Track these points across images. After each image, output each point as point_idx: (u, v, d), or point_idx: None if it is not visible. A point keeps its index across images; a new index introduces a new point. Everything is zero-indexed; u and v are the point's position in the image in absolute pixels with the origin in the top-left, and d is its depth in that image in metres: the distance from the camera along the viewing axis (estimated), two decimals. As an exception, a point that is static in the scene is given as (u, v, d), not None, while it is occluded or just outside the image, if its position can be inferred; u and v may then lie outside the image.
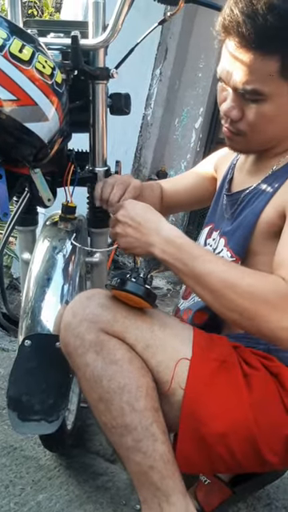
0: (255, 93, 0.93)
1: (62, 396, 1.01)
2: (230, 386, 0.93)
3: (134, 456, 0.91)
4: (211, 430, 0.91)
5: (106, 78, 1.12)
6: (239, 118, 0.98)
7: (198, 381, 0.93)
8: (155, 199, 1.32)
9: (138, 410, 0.90)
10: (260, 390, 0.94)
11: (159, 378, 0.93)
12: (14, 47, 0.83)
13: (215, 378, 0.93)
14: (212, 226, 1.18)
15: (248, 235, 1.02)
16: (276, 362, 0.98)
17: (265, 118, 0.96)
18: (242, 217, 1.05)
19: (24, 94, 0.84)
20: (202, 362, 0.94)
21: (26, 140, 0.89)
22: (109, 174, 1.21)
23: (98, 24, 1.10)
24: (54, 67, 0.90)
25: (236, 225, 1.06)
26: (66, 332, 0.93)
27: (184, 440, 0.93)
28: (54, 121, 0.92)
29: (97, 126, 1.16)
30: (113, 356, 0.91)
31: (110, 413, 0.91)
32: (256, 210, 1.01)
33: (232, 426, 0.91)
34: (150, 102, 3.38)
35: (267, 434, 0.93)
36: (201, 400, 0.92)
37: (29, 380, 0.98)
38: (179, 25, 3.35)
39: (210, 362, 0.94)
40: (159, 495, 0.91)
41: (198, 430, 0.92)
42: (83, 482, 1.27)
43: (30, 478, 1.25)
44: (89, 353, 0.91)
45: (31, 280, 1.09)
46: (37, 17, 3.31)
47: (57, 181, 1.13)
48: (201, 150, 3.69)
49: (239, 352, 0.99)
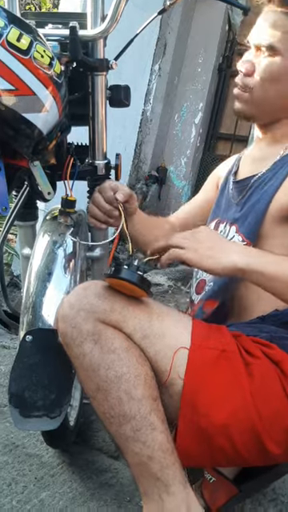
0: (269, 47, 1.03)
1: (64, 391, 0.99)
2: (231, 375, 0.92)
3: (132, 446, 0.89)
4: (212, 421, 0.90)
5: (105, 69, 1.10)
6: (250, 71, 1.06)
7: (197, 370, 0.91)
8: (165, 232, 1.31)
9: (136, 398, 0.88)
10: (261, 379, 0.92)
11: (157, 367, 0.92)
12: (12, 36, 0.81)
13: (215, 367, 0.92)
14: (218, 220, 1.18)
15: (259, 220, 1.03)
16: (277, 350, 0.97)
17: (270, 73, 1.04)
18: (253, 202, 1.06)
19: (22, 83, 0.82)
20: (201, 351, 0.92)
21: (25, 131, 0.87)
22: (109, 167, 1.19)
23: (97, 15, 1.08)
24: (52, 57, 0.89)
25: (247, 210, 1.07)
26: (63, 323, 0.92)
27: (184, 431, 0.92)
28: (52, 112, 0.90)
29: (96, 118, 1.14)
30: (110, 345, 0.90)
31: (108, 402, 0.89)
32: (267, 195, 1.03)
33: (233, 416, 0.90)
34: (150, 98, 3.36)
35: (269, 423, 0.91)
36: (200, 390, 0.91)
37: (30, 376, 0.97)
38: (178, 20, 3.33)
39: (210, 351, 0.93)
40: (159, 485, 0.89)
41: (198, 420, 0.90)
42: (87, 478, 1.26)
43: (32, 476, 1.23)
44: (86, 342, 0.90)
45: (32, 275, 1.07)
46: (34, 13, 3.29)
47: (56, 174, 1.11)
48: (201, 145, 3.68)
49: (239, 341, 0.97)
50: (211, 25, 3.49)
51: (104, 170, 1.19)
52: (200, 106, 3.55)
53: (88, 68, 1.09)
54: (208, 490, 1.18)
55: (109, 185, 1.12)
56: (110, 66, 1.11)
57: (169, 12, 3.03)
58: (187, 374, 0.91)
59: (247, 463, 0.99)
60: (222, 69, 3.62)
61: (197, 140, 3.59)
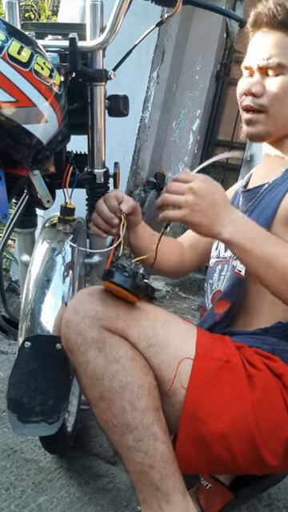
0: (278, 65, 1.05)
1: (62, 397, 1.01)
2: (233, 386, 0.93)
3: (134, 456, 0.90)
4: (212, 430, 0.91)
5: (104, 79, 1.12)
6: (261, 92, 1.08)
7: (200, 380, 0.92)
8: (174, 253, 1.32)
9: (139, 409, 0.89)
10: (263, 391, 0.94)
11: (161, 376, 0.93)
12: (13, 49, 0.83)
13: (218, 377, 0.93)
14: None
15: (269, 224, 1.04)
16: (279, 363, 0.98)
17: (284, 89, 1.06)
18: (262, 208, 1.08)
19: (22, 95, 0.84)
20: (205, 362, 0.93)
21: (25, 141, 0.89)
22: (107, 175, 1.21)
23: (96, 26, 1.10)
24: (52, 69, 0.90)
25: (256, 215, 1.07)
26: (67, 329, 0.93)
27: (184, 440, 0.93)
28: (52, 122, 0.92)
29: (95, 127, 1.16)
30: (115, 353, 0.90)
31: (111, 411, 0.90)
32: (276, 200, 1.05)
33: (233, 426, 0.91)
34: (148, 105, 3.39)
35: (268, 435, 0.92)
36: (203, 400, 0.92)
37: (29, 381, 0.98)
38: (176, 28, 3.36)
39: (214, 362, 0.94)
40: (159, 495, 0.91)
41: (199, 429, 0.91)
42: (84, 483, 1.27)
43: (30, 481, 1.24)
44: (91, 350, 0.90)
45: (31, 282, 1.09)
46: (33, 20, 3.32)
47: (56, 182, 1.13)
48: (198, 152, 3.70)
49: (242, 352, 0.98)
50: (209, 32, 3.52)
51: (103, 179, 1.21)
52: (198, 112, 3.57)
53: (87, 78, 1.10)
54: (204, 496, 1.19)
55: (114, 194, 1.11)
56: (108, 77, 1.12)
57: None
58: (191, 383, 0.92)
59: (244, 472, 1.00)
60: (220, 76, 3.65)
61: (194, 147, 3.61)
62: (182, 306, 2.91)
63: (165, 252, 1.24)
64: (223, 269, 1.16)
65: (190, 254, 1.33)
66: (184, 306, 2.94)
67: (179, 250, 1.32)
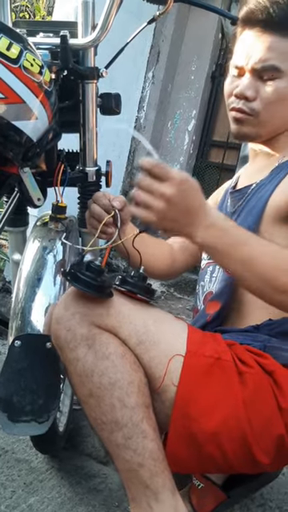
0: (274, 69, 1.02)
1: (52, 397, 1.00)
2: (224, 383, 0.93)
3: (123, 453, 0.90)
4: (203, 428, 0.90)
5: (95, 77, 1.11)
6: (254, 96, 1.04)
7: (191, 378, 0.92)
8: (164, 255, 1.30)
9: (128, 406, 0.89)
10: (254, 388, 0.93)
11: (151, 374, 0.92)
12: (2, 45, 0.82)
13: (209, 375, 0.93)
14: None
15: (258, 220, 1.03)
16: (270, 360, 0.98)
17: (279, 95, 1.03)
18: (251, 207, 1.07)
19: (11, 92, 0.83)
20: (196, 359, 0.93)
21: (15, 138, 0.88)
22: (99, 173, 1.20)
23: (88, 23, 1.09)
24: (42, 65, 0.90)
25: (245, 215, 1.07)
26: (57, 325, 0.92)
27: (174, 438, 0.92)
28: (42, 119, 0.91)
29: (87, 125, 1.15)
30: (105, 350, 0.90)
31: (101, 408, 0.90)
32: (263, 199, 1.04)
33: (224, 423, 0.90)
34: (143, 105, 3.38)
35: (259, 432, 0.92)
36: (193, 397, 0.91)
37: (19, 381, 0.97)
38: (171, 28, 3.36)
39: (204, 359, 0.93)
40: (148, 493, 0.90)
41: (190, 427, 0.91)
42: (75, 484, 1.27)
43: (21, 481, 1.24)
44: (80, 347, 0.90)
45: (21, 280, 1.08)
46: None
47: (47, 181, 1.12)
48: (194, 152, 3.70)
49: (234, 350, 0.98)
50: (204, 33, 3.51)
51: (94, 177, 1.20)
52: (193, 113, 3.57)
53: (79, 76, 1.10)
54: (196, 496, 1.18)
55: (103, 194, 1.09)
56: (100, 75, 1.12)
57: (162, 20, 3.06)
58: (181, 380, 0.92)
59: (236, 470, 0.99)
60: (215, 76, 3.65)
61: (190, 147, 3.61)
62: (177, 307, 2.91)
63: (154, 254, 1.24)
64: (214, 270, 1.15)
65: (182, 255, 1.32)
66: (179, 306, 2.93)
67: (169, 252, 1.31)
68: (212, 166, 3.70)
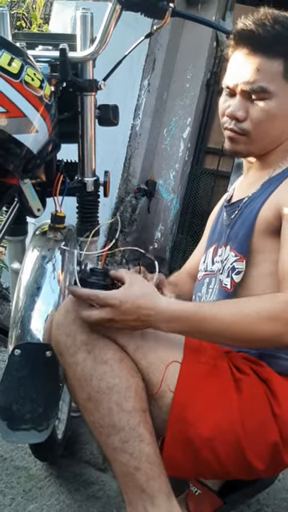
0: (262, 90, 1.04)
1: (51, 405, 1.01)
2: (220, 389, 0.95)
3: (120, 457, 0.91)
4: (199, 433, 0.92)
5: (94, 89, 1.14)
6: (244, 117, 1.07)
7: (187, 383, 0.94)
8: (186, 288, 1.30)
9: (126, 410, 0.90)
10: (249, 395, 0.95)
11: (149, 379, 0.94)
12: (3, 60, 0.84)
13: (205, 381, 0.95)
14: (215, 245, 1.20)
15: (249, 233, 1.05)
16: (266, 368, 1.00)
17: (268, 115, 1.06)
18: (242, 220, 1.09)
19: (13, 106, 0.85)
20: (192, 365, 0.95)
21: (16, 151, 0.90)
22: (97, 184, 1.22)
23: (86, 37, 1.12)
24: (42, 80, 0.92)
25: (237, 228, 1.09)
26: (57, 330, 0.94)
27: (171, 442, 0.94)
28: (42, 132, 0.93)
29: (85, 136, 1.17)
30: (103, 355, 0.91)
31: (99, 412, 0.91)
32: (254, 211, 1.06)
33: (219, 429, 0.92)
34: (139, 113, 3.41)
35: (253, 439, 0.94)
36: (190, 403, 0.93)
37: (18, 389, 0.98)
38: (167, 36, 3.39)
39: (201, 366, 0.95)
40: (144, 497, 0.91)
41: (186, 432, 0.92)
42: (74, 491, 1.27)
43: (20, 488, 1.24)
44: (80, 352, 0.91)
45: (21, 289, 1.09)
46: (25, 28, 3.33)
47: (46, 191, 1.14)
48: (189, 159, 3.72)
49: (230, 357, 1.00)
50: (199, 41, 3.55)
51: (93, 187, 1.22)
52: (188, 120, 3.60)
53: (77, 88, 1.12)
54: (193, 502, 1.20)
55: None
56: (98, 87, 1.14)
57: (158, 30, 3.05)
58: (178, 386, 0.93)
59: (232, 476, 1.01)
60: (210, 84, 3.68)
61: (185, 154, 3.63)
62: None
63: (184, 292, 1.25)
64: (211, 282, 1.17)
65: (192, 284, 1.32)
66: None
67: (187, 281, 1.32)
68: (207, 173, 3.73)
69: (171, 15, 1.13)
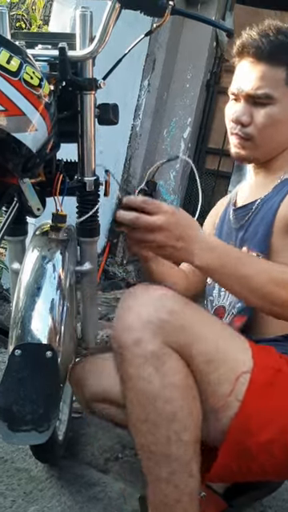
0: (266, 96, 1.09)
1: (52, 406, 1.00)
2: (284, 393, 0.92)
3: (163, 487, 0.87)
4: (259, 440, 0.89)
5: (93, 88, 1.13)
6: (249, 122, 1.11)
7: (255, 391, 0.91)
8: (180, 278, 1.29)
9: (183, 441, 0.86)
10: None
11: (215, 391, 0.90)
12: (2, 58, 0.83)
13: (271, 387, 0.92)
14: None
15: (268, 233, 1.07)
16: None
17: (272, 120, 1.10)
18: (259, 220, 1.11)
19: (12, 104, 0.84)
20: (260, 373, 0.92)
21: (15, 150, 0.89)
22: (98, 183, 1.21)
23: (85, 35, 1.11)
24: (41, 78, 0.91)
25: (254, 229, 1.10)
26: (124, 333, 0.88)
27: (227, 453, 0.90)
28: (42, 131, 0.92)
29: (85, 136, 1.16)
30: (173, 377, 0.86)
31: (154, 437, 0.86)
32: (271, 211, 1.08)
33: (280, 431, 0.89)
34: (139, 113, 3.41)
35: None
36: (256, 412, 0.90)
37: (19, 390, 0.98)
38: (167, 36, 3.39)
39: (267, 371, 0.93)
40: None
41: (245, 441, 0.89)
42: (75, 492, 1.27)
43: (21, 490, 1.23)
44: (147, 365, 0.85)
45: (21, 290, 1.08)
46: (25, 29, 3.33)
47: (46, 190, 1.13)
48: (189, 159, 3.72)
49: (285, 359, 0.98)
50: (199, 41, 3.55)
51: (93, 187, 1.21)
52: (188, 121, 3.60)
53: (77, 87, 1.11)
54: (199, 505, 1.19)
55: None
56: (98, 86, 1.13)
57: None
58: (246, 395, 0.90)
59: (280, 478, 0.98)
60: (210, 85, 3.68)
61: (186, 154, 3.63)
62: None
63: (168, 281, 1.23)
64: None
65: (195, 278, 1.30)
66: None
67: (183, 277, 1.30)
68: (207, 173, 3.73)
69: (171, 13, 1.12)
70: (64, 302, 1.09)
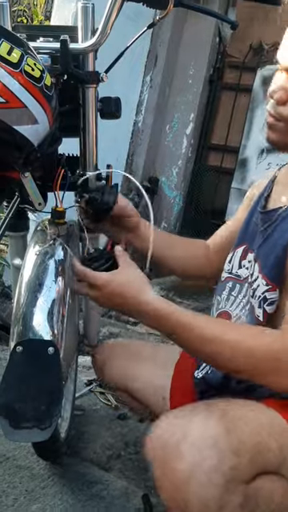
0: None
1: (54, 403, 0.99)
2: None
3: None
4: None
5: (95, 81, 1.11)
6: (283, 100, 0.94)
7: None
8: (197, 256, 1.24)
9: None
10: None
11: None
12: (3, 50, 0.82)
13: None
14: (246, 246, 1.08)
15: (282, 258, 0.94)
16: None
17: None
18: (275, 238, 0.97)
19: (13, 96, 0.83)
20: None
21: (16, 143, 0.88)
22: (100, 178, 1.20)
23: (87, 28, 1.09)
24: (43, 70, 0.89)
25: (268, 247, 0.98)
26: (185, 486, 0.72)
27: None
28: (43, 124, 0.91)
29: (87, 130, 1.15)
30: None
31: None
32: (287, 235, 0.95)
33: None
34: (141, 109, 3.39)
35: None
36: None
37: (20, 387, 0.97)
38: (169, 32, 3.37)
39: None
40: None
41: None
42: (78, 490, 1.26)
43: (23, 488, 1.23)
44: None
45: (22, 286, 1.07)
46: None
47: (47, 185, 1.12)
48: (192, 155, 3.70)
49: None
50: (202, 37, 3.53)
51: (95, 182, 1.20)
52: (191, 116, 3.58)
53: (79, 80, 1.10)
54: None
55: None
56: (100, 79, 1.12)
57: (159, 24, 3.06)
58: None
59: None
60: (213, 80, 3.65)
61: (188, 150, 3.61)
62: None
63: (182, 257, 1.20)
64: (234, 288, 1.08)
65: (216, 256, 1.22)
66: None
67: (203, 253, 1.24)
68: (210, 170, 3.70)
69: (174, 5, 1.11)
70: (66, 297, 1.07)
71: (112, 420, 1.59)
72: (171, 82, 3.57)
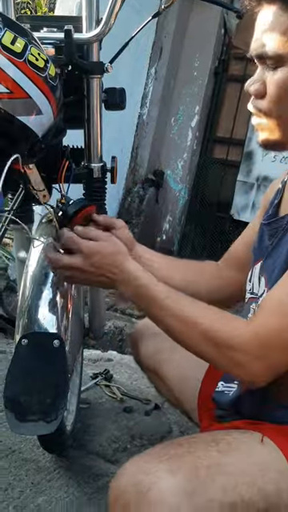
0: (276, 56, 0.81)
1: (60, 395, 0.99)
2: None
3: None
4: None
5: (100, 72, 1.10)
6: (261, 91, 0.85)
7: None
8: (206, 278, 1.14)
9: None
10: None
11: None
12: (6, 39, 0.81)
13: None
14: (262, 260, 0.97)
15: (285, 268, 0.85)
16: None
17: (285, 85, 0.82)
18: (280, 251, 0.89)
19: (17, 86, 0.82)
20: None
21: (20, 134, 0.87)
22: (105, 169, 1.19)
23: (92, 18, 1.08)
24: (47, 60, 0.88)
25: (274, 260, 0.90)
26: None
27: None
28: (47, 114, 0.90)
29: (92, 121, 1.14)
30: None
31: None
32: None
33: None
34: (146, 101, 3.37)
35: None
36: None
37: (26, 380, 0.96)
38: (173, 24, 3.35)
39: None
40: None
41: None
42: (84, 483, 1.26)
43: (29, 481, 1.23)
44: None
45: (27, 278, 1.07)
46: (30, 17, 3.30)
47: (52, 177, 1.11)
48: (197, 148, 3.68)
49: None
50: (207, 28, 3.50)
51: (100, 173, 1.19)
52: (196, 109, 3.55)
53: (83, 71, 1.09)
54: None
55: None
56: (105, 69, 1.11)
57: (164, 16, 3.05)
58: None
59: None
60: (218, 72, 3.63)
61: (193, 143, 3.59)
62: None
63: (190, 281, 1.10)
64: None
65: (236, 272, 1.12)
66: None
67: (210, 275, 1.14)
68: (216, 162, 3.68)
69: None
70: (71, 290, 1.07)
71: (118, 413, 1.59)
72: (176, 74, 3.55)
